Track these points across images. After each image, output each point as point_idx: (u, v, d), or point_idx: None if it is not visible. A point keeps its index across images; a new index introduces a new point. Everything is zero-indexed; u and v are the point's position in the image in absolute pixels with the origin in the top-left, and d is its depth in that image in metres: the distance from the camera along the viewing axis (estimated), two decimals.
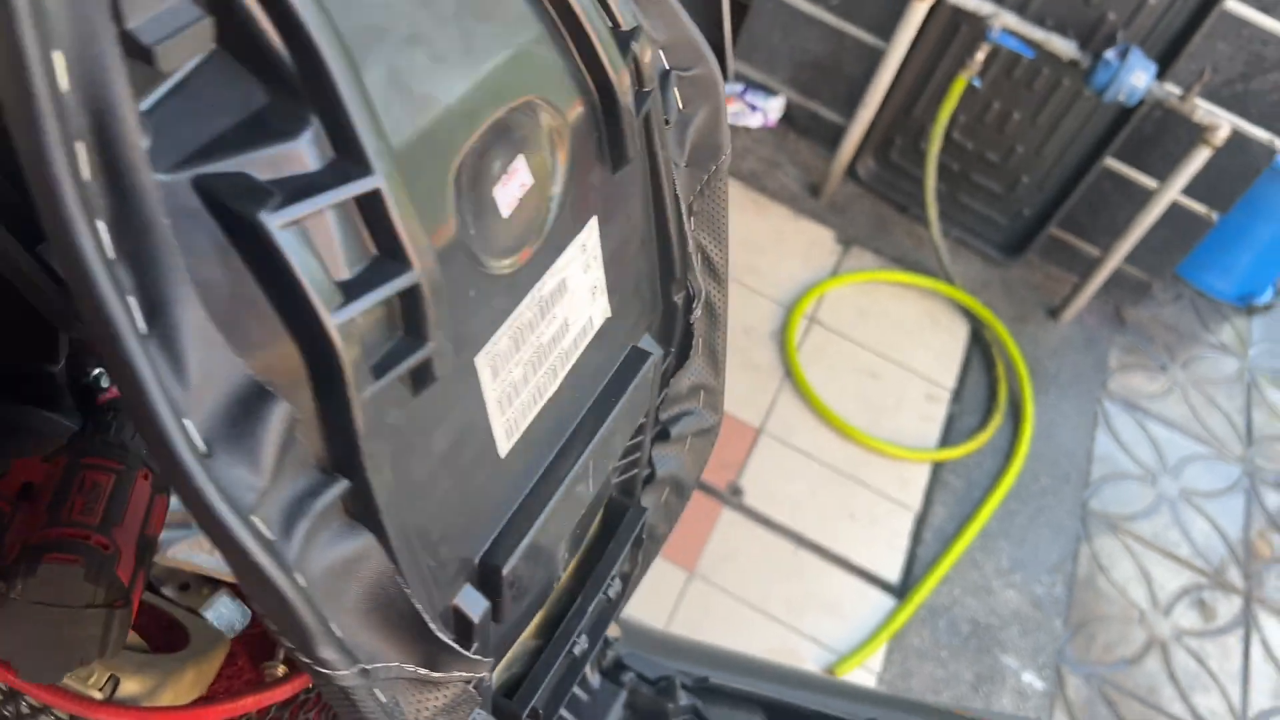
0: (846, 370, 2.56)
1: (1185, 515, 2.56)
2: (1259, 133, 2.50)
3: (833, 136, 2.92)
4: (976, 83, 2.58)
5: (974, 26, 2.59)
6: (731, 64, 3.03)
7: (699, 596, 2.04)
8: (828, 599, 2.13)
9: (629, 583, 0.76)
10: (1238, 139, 2.51)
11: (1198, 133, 2.44)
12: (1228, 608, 2.41)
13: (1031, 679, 2.14)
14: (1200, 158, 2.46)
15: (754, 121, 3.00)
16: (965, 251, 2.97)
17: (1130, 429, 2.71)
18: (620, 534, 0.68)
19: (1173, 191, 2.54)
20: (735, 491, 2.23)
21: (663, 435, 0.69)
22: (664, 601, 2.02)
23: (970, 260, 2.96)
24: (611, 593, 0.71)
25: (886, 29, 2.63)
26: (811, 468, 2.34)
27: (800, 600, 2.11)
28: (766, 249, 2.75)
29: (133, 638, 0.69)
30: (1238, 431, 2.82)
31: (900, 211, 2.98)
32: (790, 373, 2.48)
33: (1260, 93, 2.49)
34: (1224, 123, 2.39)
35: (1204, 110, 2.42)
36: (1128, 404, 2.78)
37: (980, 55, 2.49)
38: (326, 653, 0.32)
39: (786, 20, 2.88)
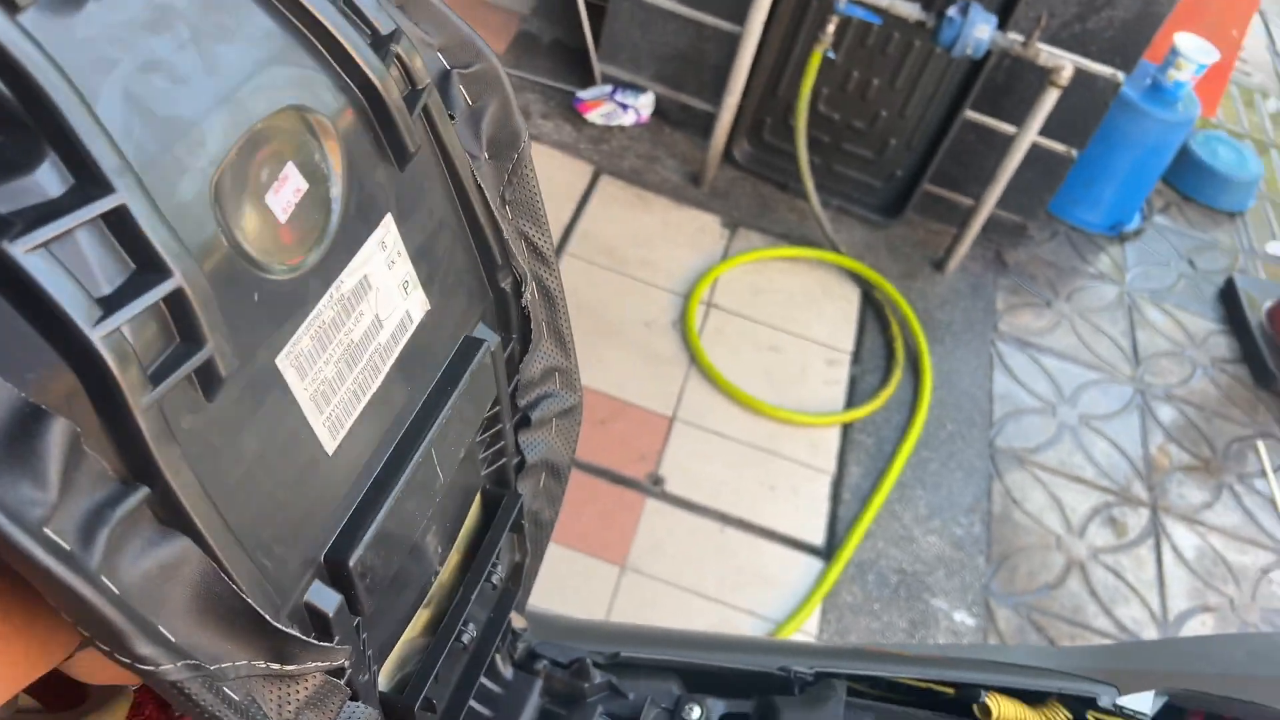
0: (748, 348, 2.61)
1: (1087, 439, 2.68)
2: (1101, 69, 2.62)
3: (705, 125, 2.98)
4: (831, 54, 2.66)
5: (822, 1, 2.67)
6: (597, 67, 3.07)
7: (633, 589, 2.07)
8: (759, 571, 2.18)
9: (523, 571, 0.78)
10: (1082, 77, 2.63)
11: (1044, 76, 2.55)
12: (1136, 521, 2.53)
13: (963, 617, 2.22)
14: (1050, 99, 2.57)
15: (627, 120, 3.04)
16: (847, 219, 3.05)
17: (1025, 365, 2.82)
18: (497, 521, 0.70)
19: (1030, 134, 2.65)
20: (656, 481, 2.26)
21: (525, 422, 0.71)
22: (599, 599, 2.04)
23: (853, 226, 3.04)
24: (496, 579, 0.73)
25: (740, 14, 2.70)
26: (728, 447, 2.38)
27: (733, 576, 2.15)
28: (656, 242, 2.79)
29: (25, 700, 0.68)
30: (1125, 353, 2.96)
31: (780, 189, 3.05)
32: (695, 358, 2.53)
33: (1096, 31, 2.62)
34: (1067, 63, 2.50)
35: (1047, 54, 2.53)
36: (1020, 342, 2.89)
37: (831, 27, 2.56)
38: (144, 650, 0.33)
39: (644, 18, 2.93)
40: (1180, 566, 2.45)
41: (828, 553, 2.25)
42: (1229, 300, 3.22)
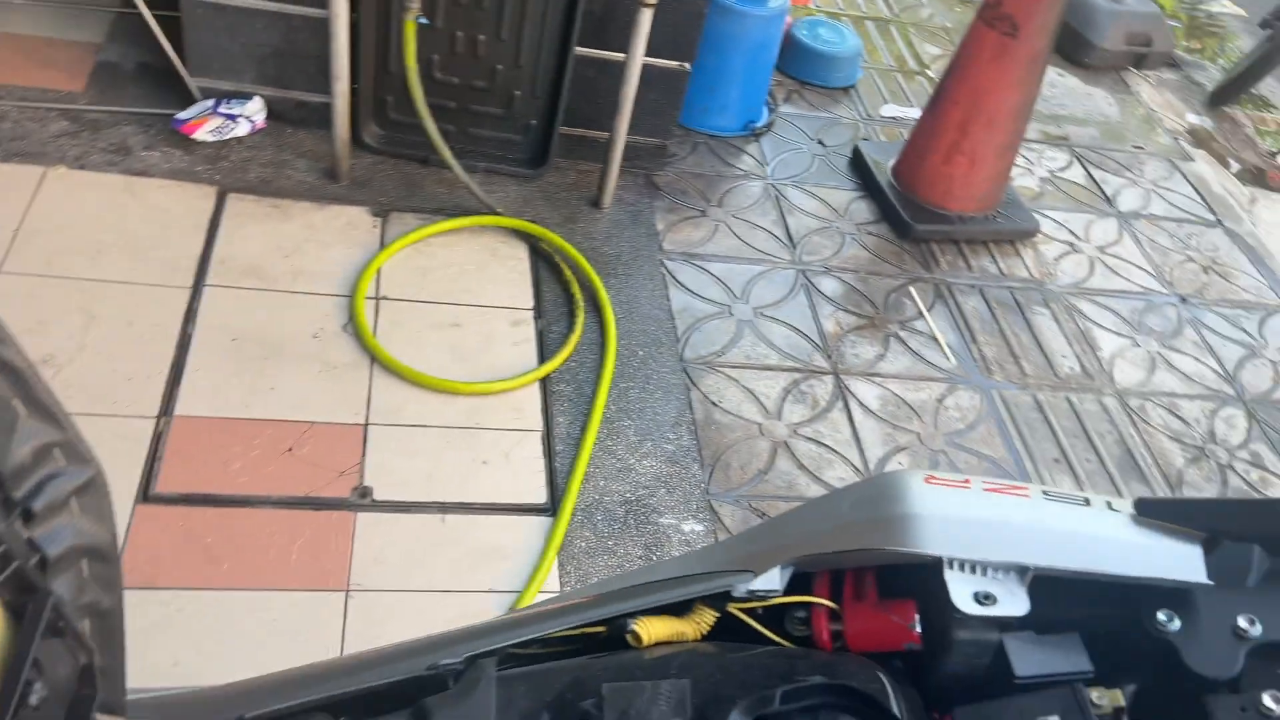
0: (429, 331, 2.56)
1: (765, 329, 2.85)
2: None
3: (325, 117, 2.85)
4: (424, 21, 2.60)
5: None
6: (191, 83, 2.85)
7: (364, 610, 1.99)
8: (490, 548, 2.16)
9: (97, 671, 0.71)
10: None
11: None
12: (824, 389, 2.72)
13: (692, 526, 2.31)
14: (646, 20, 2.65)
15: (241, 131, 2.85)
16: (498, 178, 3.04)
17: (695, 276, 2.95)
18: (22, 633, 0.62)
19: (638, 58, 2.73)
20: (363, 494, 2.18)
21: (28, 515, 0.63)
22: (329, 632, 1.95)
23: (505, 185, 3.03)
24: (36, 699, 0.65)
25: None
26: (430, 437, 2.33)
27: (465, 562, 2.12)
28: (304, 248, 2.66)
29: None
30: (781, 240, 3.16)
31: (423, 165, 2.98)
32: (375, 357, 2.44)
33: None
34: None
35: None
36: (685, 256, 3.01)
37: None
38: None
39: (226, 22, 2.74)
40: (869, 418, 2.68)
41: (553, 508, 2.26)
42: (858, 168, 3.51)
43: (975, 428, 2.72)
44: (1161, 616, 0.83)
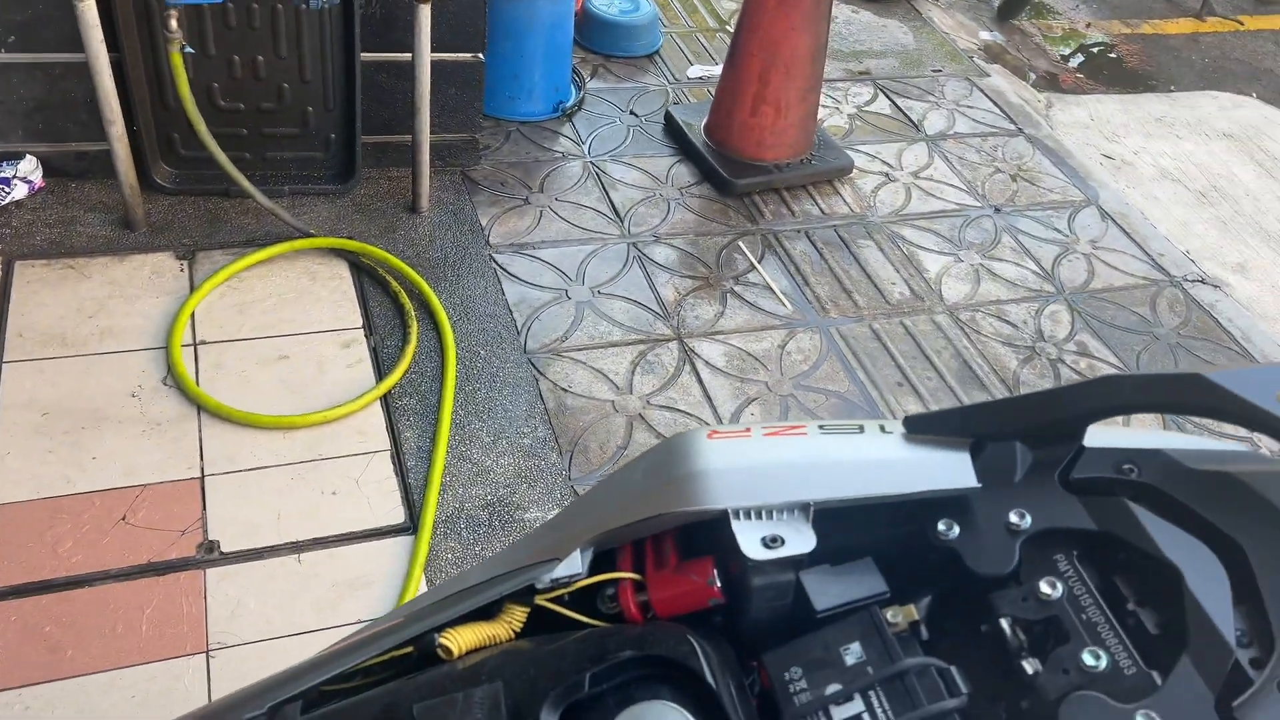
0: (256, 369, 2.46)
1: (605, 306, 2.84)
2: None
3: (108, 165, 2.69)
4: (189, 50, 2.48)
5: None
6: None
7: (228, 667, 1.91)
8: (353, 578, 2.10)
9: None
10: None
11: None
12: (670, 356, 2.74)
13: None
14: (425, 16, 2.59)
15: (19, 194, 2.68)
16: (307, 199, 2.94)
17: (527, 265, 2.92)
18: None
19: (425, 55, 2.67)
20: (210, 549, 2.09)
21: None
22: (196, 698, 1.86)
23: (316, 204, 2.94)
24: None
25: (75, 40, 2.42)
26: (273, 477, 2.25)
27: (328, 598, 2.06)
28: (109, 306, 2.52)
29: None
30: (609, 216, 3.15)
31: (225, 198, 2.86)
32: (202, 405, 2.34)
33: None
34: None
35: None
36: (514, 247, 2.98)
37: (174, 23, 2.38)
38: None
39: None
40: (718, 376, 2.71)
41: (413, 525, 2.21)
42: (673, 132, 3.53)
43: (819, 367, 2.78)
44: (941, 526, 0.86)
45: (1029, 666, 0.77)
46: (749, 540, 0.84)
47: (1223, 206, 3.80)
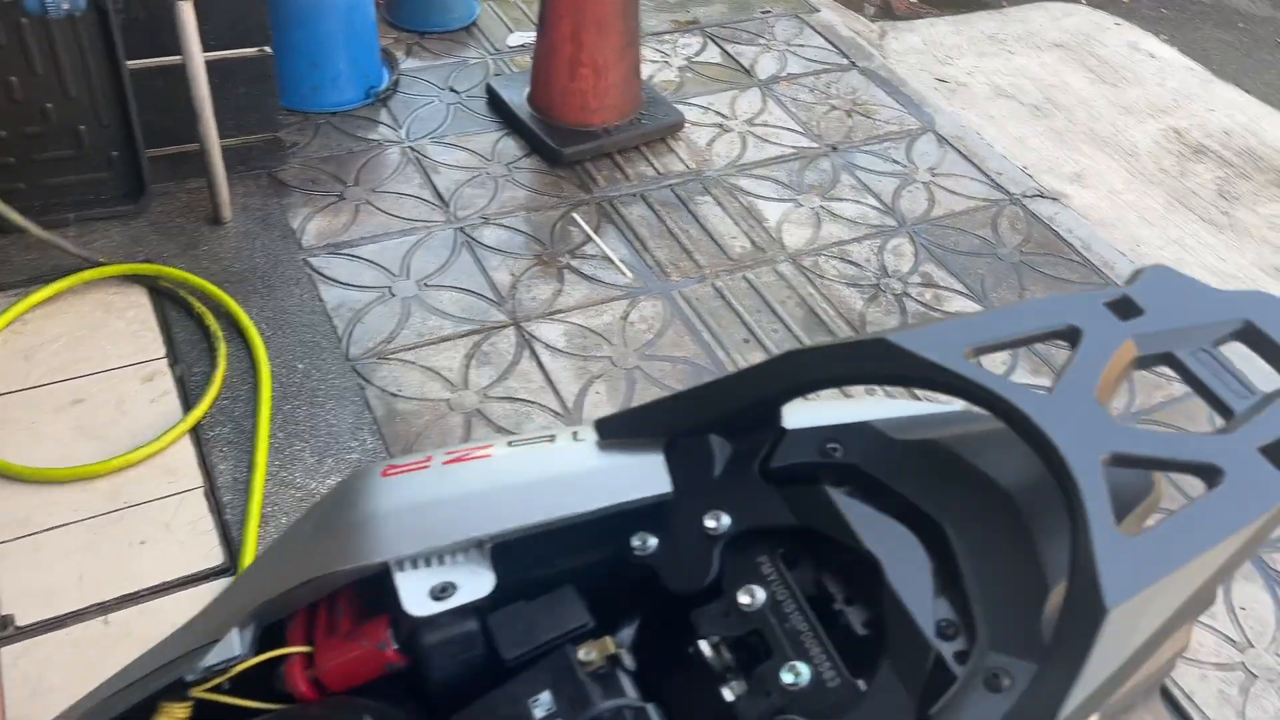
0: (46, 418, 2.26)
1: (433, 299, 2.70)
2: None
3: None
4: None
5: None
6: None
7: None
8: (168, 631, 1.94)
9: None
10: None
11: None
12: (507, 343, 2.61)
13: None
14: (189, 14, 2.40)
15: None
16: (97, 224, 2.72)
17: (345, 266, 2.75)
18: None
19: (197, 55, 2.47)
20: (3, 625, 1.91)
21: None
22: None
23: (108, 229, 2.72)
24: None
25: None
26: (72, 535, 2.06)
27: None
28: None
29: None
30: (432, 203, 2.99)
31: (1, 235, 2.62)
32: None
33: None
34: None
35: None
36: (331, 248, 2.80)
37: None
38: None
39: None
40: (559, 357, 2.59)
41: (233, 565, 2.06)
42: (496, 106, 3.37)
43: (664, 334, 2.69)
44: (635, 541, 0.76)
45: (730, 692, 0.68)
46: (413, 594, 0.73)
47: (1057, 118, 3.81)
